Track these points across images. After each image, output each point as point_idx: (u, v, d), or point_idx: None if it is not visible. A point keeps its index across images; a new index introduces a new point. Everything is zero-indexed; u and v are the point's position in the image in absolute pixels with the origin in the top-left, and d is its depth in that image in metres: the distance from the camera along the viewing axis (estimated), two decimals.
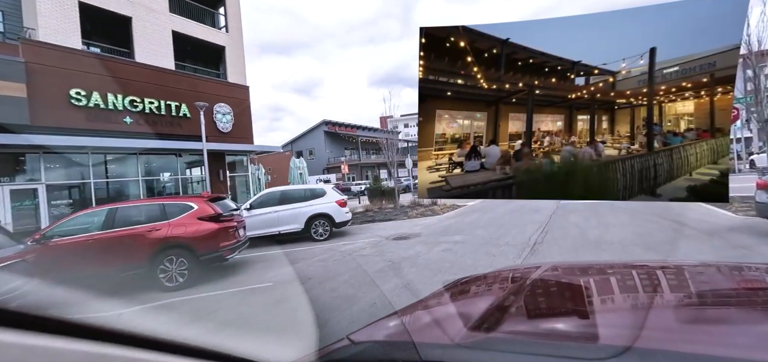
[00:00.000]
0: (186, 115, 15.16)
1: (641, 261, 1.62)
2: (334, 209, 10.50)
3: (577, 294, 1.26)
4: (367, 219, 13.85)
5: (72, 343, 0.57)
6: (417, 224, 11.66)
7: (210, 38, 18.16)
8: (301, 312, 4.83)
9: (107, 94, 12.84)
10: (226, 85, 17.90)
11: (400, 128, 76.26)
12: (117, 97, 13.17)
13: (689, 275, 1.33)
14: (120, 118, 13.20)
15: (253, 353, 0.83)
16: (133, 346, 0.64)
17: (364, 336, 1.00)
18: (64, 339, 0.57)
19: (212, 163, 15.78)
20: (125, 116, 13.34)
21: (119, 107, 13.18)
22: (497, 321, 1.02)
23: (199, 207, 6.74)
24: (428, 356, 0.81)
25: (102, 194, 13.02)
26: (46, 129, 11.12)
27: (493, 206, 13.68)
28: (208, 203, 6.85)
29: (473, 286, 1.49)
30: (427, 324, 1.10)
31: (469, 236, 8.54)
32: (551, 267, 1.57)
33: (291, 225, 10.29)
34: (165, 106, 14.50)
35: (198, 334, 0.75)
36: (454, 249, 7.21)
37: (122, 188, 13.92)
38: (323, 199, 10.62)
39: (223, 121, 16.94)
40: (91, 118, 12.39)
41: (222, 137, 16.68)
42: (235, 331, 4.40)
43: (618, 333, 0.89)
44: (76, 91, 12.03)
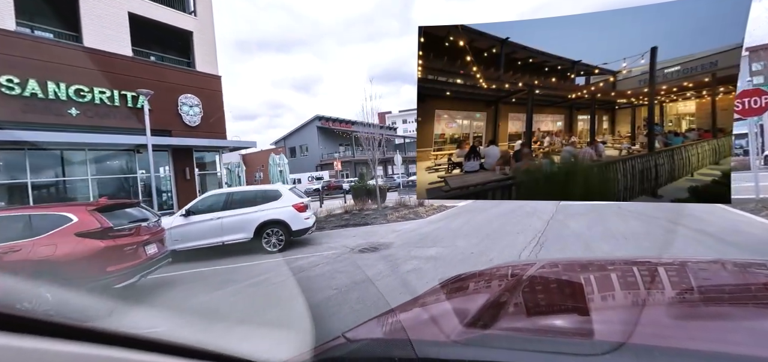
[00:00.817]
0: (145, 106, 13.58)
1: (639, 258, 1.62)
2: (290, 215, 8.87)
3: (573, 290, 1.26)
4: (341, 222, 12.58)
5: (62, 345, 0.56)
6: (394, 230, 10.38)
7: (175, 22, 15.87)
8: (297, 309, 4.77)
9: (47, 82, 11.40)
10: (193, 74, 16.00)
11: (399, 124, 76.18)
12: (59, 86, 11.65)
13: (688, 272, 1.33)
14: (64, 109, 11.78)
15: (248, 352, 0.82)
16: (126, 347, 0.62)
17: (360, 333, 1.00)
18: (53, 341, 0.55)
19: (178, 160, 14.70)
20: (70, 107, 11.93)
21: (62, 97, 11.71)
22: (493, 318, 1.02)
23: (80, 218, 5.08)
24: (424, 353, 0.80)
25: (44, 195, 11.77)
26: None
27: (484, 207, 12.48)
28: (94, 213, 5.21)
29: (470, 283, 1.49)
30: (423, 322, 1.10)
31: (447, 248, 7.30)
32: (548, 264, 1.58)
33: (237, 235, 8.66)
34: (119, 96, 13.00)
35: (191, 334, 0.73)
36: (423, 269, 5.90)
37: (74, 188, 12.51)
38: (277, 203, 8.95)
39: (190, 114, 15.26)
40: (27, 109, 11.11)
41: (189, 131, 15.06)
42: (230, 330, 4.37)
43: (614, 329, 0.89)
44: (7, 78, 10.68)
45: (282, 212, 8.88)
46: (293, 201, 9.08)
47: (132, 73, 13.42)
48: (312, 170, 44.67)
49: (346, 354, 0.90)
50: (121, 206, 6.00)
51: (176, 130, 14.73)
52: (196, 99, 15.53)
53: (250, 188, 10.21)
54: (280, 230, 8.83)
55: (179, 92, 14.97)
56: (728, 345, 0.74)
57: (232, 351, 0.78)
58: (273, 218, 8.80)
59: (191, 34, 16.60)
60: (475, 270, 1.64)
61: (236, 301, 5.42)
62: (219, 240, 8.63)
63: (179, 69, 15.85)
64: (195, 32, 16.66)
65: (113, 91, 12.91)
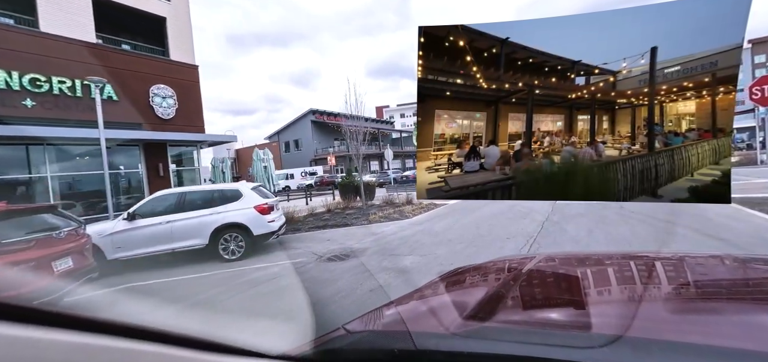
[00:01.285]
0: (112, 97, 12.65)
1: (638, 252, 1.63)
2: (251, 218, 7.94)
3: (571, 284, 1.27)
4: (320, 222, 11.76)
5: (58, 334, 0.55)
6: (373, 232, 9.55)
7: (145, 7, 14.74)
8: (297, 301, 4.70)
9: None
10: (167, 63, 14.86)
11: (396, 119, 75.71)
12: (11, 75, 10.74)
13: (686, 266, 1.34)
14: (17, 99, 10.92)
15: (249, 343, 0.82)
16: (125, 337, 0.62)
17: (359, 325, 1.01)
18: (48, 330, 0.55)
19: (151, 156, 13.87)
20: (25, 97, 11.06)
21: (15, 86, 10.81)
22: (492, 311, 1.03)
23: None
24: (423, 345, 0.81)
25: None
26: None
27: (475, 207, 11.75)
28: None
29: (469, 276, 1.51)
30: (422, 314, 1.11)
31: (425, 257, 6.54)
32: (546, 258, 1.60)
33: (190, 241, 7.74)
34: (82, 86, 11.99)
35: (192, 324, 0.73)
36: (391, 286, 5.13)
37: (33, 187, 11.51)
38: (237, 205, 8.03)
39: (163, 106, 14.25)
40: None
41: (162, 124, 14.13)
42: (230, 321, 4.34)
43: (611, 322, 0.90)
44: None
45: (242, 215, 7.95)
46: (255, 202, 8.15)
47: (96, 61, 12.26)
48: (306, 165, 43.98)
49: (346, 345, 0.91)
50: (21, 213, 4.91)
51: (148, 123, 13.76)
52: (170, 90, 14.50)
53: (206, 188, 9.05)
54: (239, 235, 7.86)
55: (151, 82, 13.99)
56: (724, 338, 0.75)
57: (232, 341, 0.78)
58: (231, 221, 7.87)
59: (164, 21, 15.42)
60: (473, 264, 1.65)
61: (243, 292, 5.41)
62: (168, 248, 7.68)
63: (151, 57, 14.67)
64: (168, 18, 15.49)
65: (74, 81, 11.82)
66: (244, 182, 10.97)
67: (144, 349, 0.63)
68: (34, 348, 0.52)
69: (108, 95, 12.57)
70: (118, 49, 14.27)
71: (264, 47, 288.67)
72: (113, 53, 13.58)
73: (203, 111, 16.17)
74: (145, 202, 8.16)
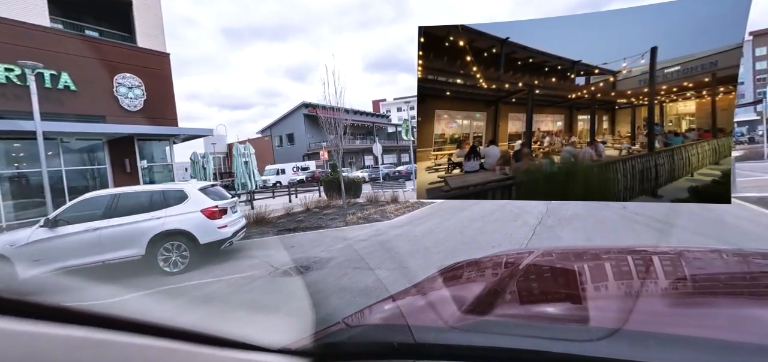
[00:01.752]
0: (69, 86, 11.64)
1: (636, 247, 1.64)
2: (197, 223, 6.84)
3: (569, 278, 1.28)
4: (292, 224, 10.76)
5: (60, 329, 0.56)
6: (346, 237, 8.65)
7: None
8: (297, 296, 4.60)
9: None
10: (134, 50, 13.79)
11: (393, 112, 75.38)
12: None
13: (683, 261, 1.35)
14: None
15: (249, 337, 0.82)
16: (125, 330, 0.62)
17: (359, 319, 1.02)
18: (50, 325, 0.55)
19: (117, 151, 12.93)
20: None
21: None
22: (491, 305, 1.04)
23: None
24: (423, 338, 0.82)
25: None
26: None
27: (463, 207, 10.78)
28: None
29: (468, 271, 1.52)
30: (421, 308, 1.12)
31: (393, 272, 5.69)
32: (545, 252, 1.62)
33: (123, 251, 6.64)
34: (35, 75, 10.78)
35: (192, 319, 0.73)
36: (346, 312, 3.54)
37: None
38: (181, 208, 6.93)
39: (130, 97, 13.29)
40: None
41: (129, 117, 13.20)
42: (230, 315, 4.34)
43: (608, 315, 0.91)
44: None
45: (186, 220, 6.85)
46: (203, 204, 7.01)
47: (49, 48, 11.23)
48: (299, 160, 42.89)
49: (346, 338, 0.92)
50: None
51: (112, 116, 12.86)
52: (137, 79, 13.50)
53: (144, 188, 7.90)
54: (183, 243, 6.78)
55: (116, 71, 12.99)
56: (719, 331, 0.76)
57: (233, 335, 0.78)
58: (173, 228, 6.77)
59: (130, 5, 14.31)
60: (473, 258, 1.66)
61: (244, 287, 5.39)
62: (98, 259, 6.57)
63: (115, 44, 13.55)
64: (135, 2, 14.43)
65: (24, 69, 10.56)
66: (194, 181, 10.03)
67: (146, 343, 0.63)
68: (35, 343, 0.52)
69: (64, 84, 11.55)
70: (76, 34, 13.01)
71: (261, 41, 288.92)
72: (70, 38, 12.31)
73: (175, 101, 15.05)
74: (68, 206, 6.93)
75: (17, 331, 0.51)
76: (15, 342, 0.51)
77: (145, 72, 13.84)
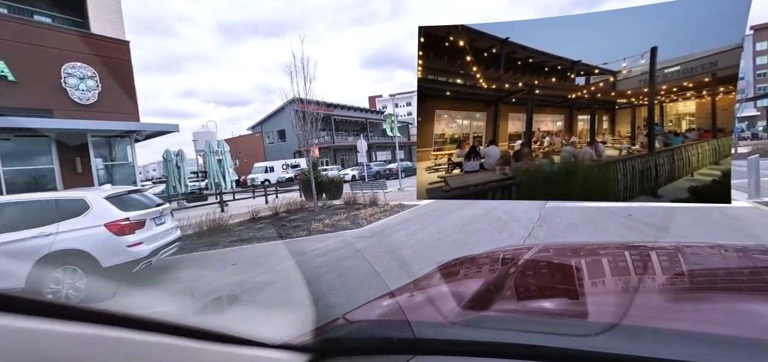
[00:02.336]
0: (6, 76, 10.28)
1: (634, 242, 1.64)
2: (99, 241, 5.17)
3: (567, 273, 1.29)
4: (250, 232, 9.42)
5: (62, 326, 0.56)
6: (303, 250, 7.25)
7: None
8: (297, 292, 4.54)
9: None
10: (85, 37, 12.19)
11: (390, 108, 75.18)
12: None
13: (681, 256, 1.35)
14: None
15: (249, 332, 0.82)
16: (126, 327, 0.62)
17: (359, 315, 1.02)
18: (51, 322, 0.55)
19: (66, 149, 11.50)
20: None
21: None
22: (490, 300, 1.04)
23: None
24: (422, 334, 0.82)
25: None
26: None
27: (448, 211, 9.84)
28: None
29: (467, 267, 1.53)
30: (421, 303, 1.12)
31: (347, 297, 4.51)
32: (543, 248, 1.63)
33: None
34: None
35: (192, 314, 0.73)
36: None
37: None
38: (77, 222, 5.22)
39: (81, 88, 11.87)
40: None
41: (80, 111, 11.79)
42: (231, 311, 4.31)
43: (606, 310, 0.92)
44: None
45: (84, 237, 5.15)
46: (108, 217, 5.31)
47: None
48: (289, 157, 41.44)
49: (346, 334, 0.93)
50: None
51: (61, 110, 11.47)
52: (90, 69, 12.02)
53: (29, 197, 5.78)
54: (79, 268, 5.09)
55: (64, 60, 11.56)
56: (715, 326, 0.77)
57: (234, 331, 0.79)
58: (66, 248, 5.05)
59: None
60: (471, 254, 1.67)
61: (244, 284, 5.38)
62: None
63: (61, 29, 11.93)
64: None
65: None
66: (99, 188, 8.13)
67: (147, 340, 0.63)
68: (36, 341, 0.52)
69: (0, 74, 10.22)
70: (16, 18, 11.46)
71: (257, 37, 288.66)
72: (9, 23, 10.86)
73: (136, 93, 13.57)
74: None
75: (19, 328, 0.51)
76: (17, 337, 0.51)
77: (100, 61, 12.31)
